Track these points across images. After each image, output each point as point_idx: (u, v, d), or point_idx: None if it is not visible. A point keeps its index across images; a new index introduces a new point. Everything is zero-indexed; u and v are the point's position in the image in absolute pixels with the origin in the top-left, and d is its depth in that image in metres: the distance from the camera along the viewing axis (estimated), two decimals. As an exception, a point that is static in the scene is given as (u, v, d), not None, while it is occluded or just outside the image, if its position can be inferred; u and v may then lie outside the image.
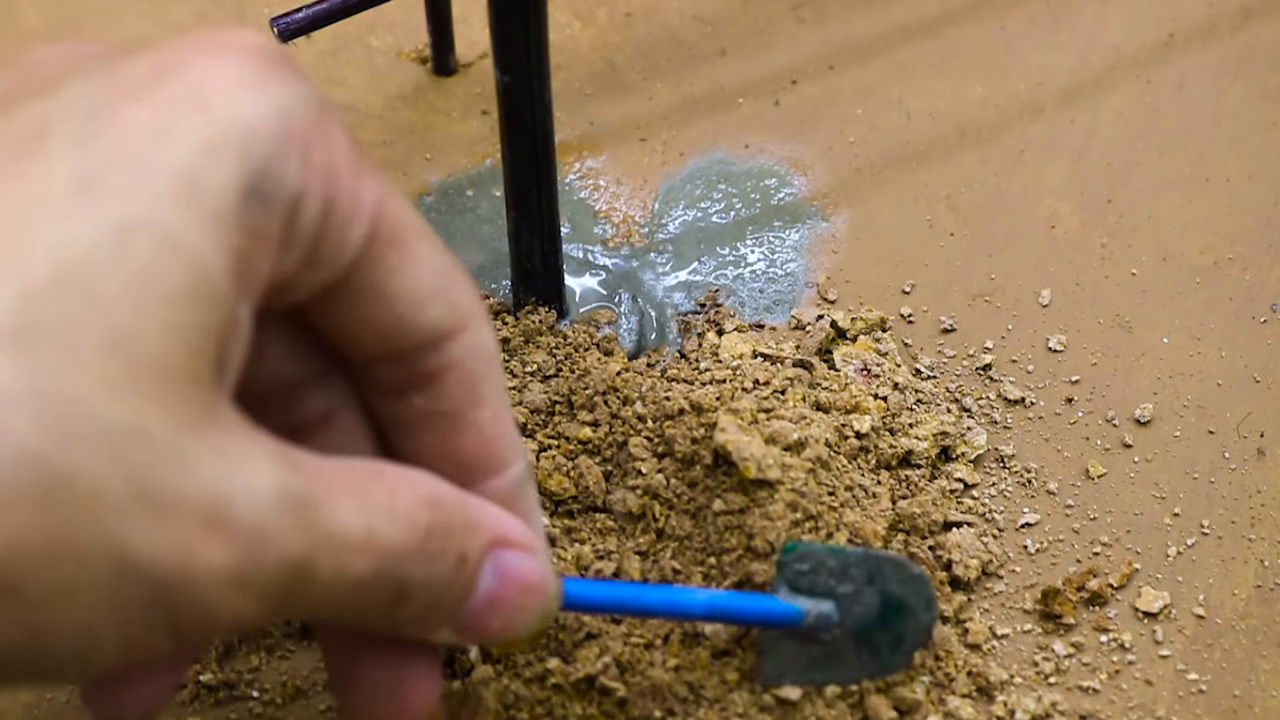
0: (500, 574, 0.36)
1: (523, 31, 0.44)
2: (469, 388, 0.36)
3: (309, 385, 0.36)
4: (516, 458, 0.38)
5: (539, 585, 0.36)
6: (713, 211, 0.57)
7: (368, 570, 0.32)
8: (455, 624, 0.36)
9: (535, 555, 0.37)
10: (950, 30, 0.63)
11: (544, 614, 0.37)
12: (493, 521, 0.36)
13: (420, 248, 0.34)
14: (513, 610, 0.36)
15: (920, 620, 0.43)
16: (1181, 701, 0.44)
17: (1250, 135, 0.59)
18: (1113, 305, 0.54)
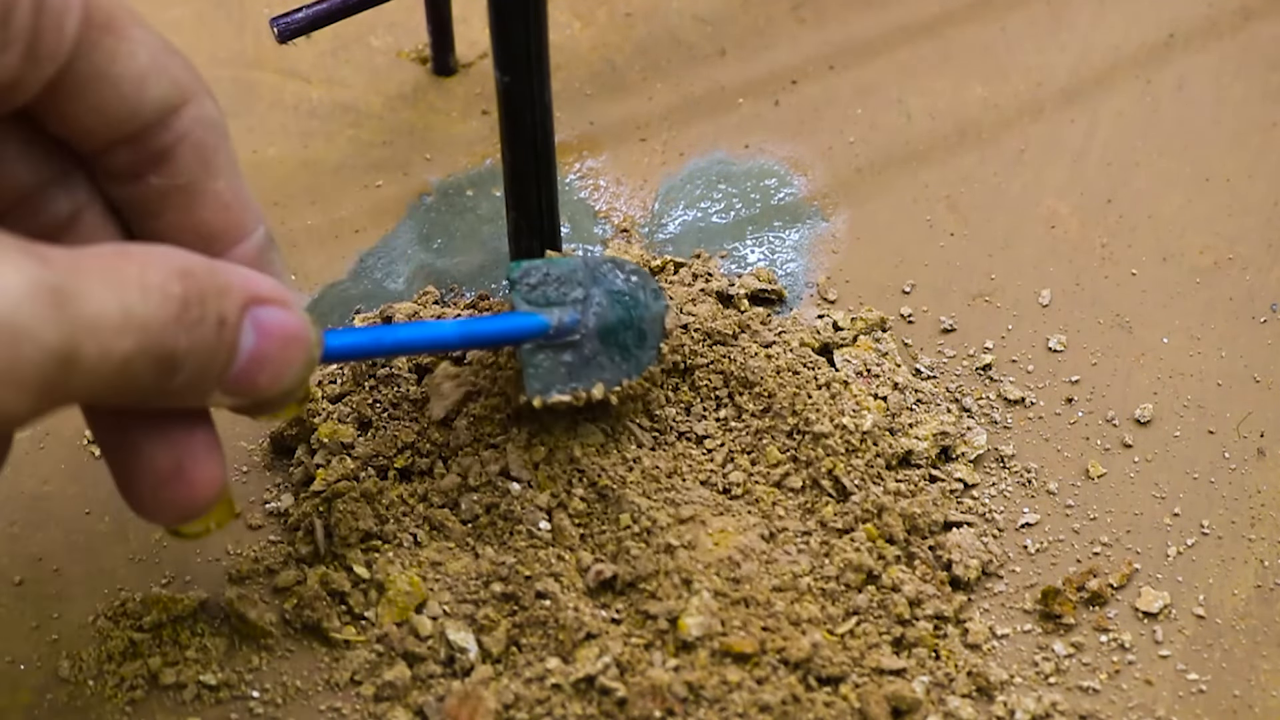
0: (260, 329, 0.37)
1: (523, 31, 0.44)
2: (201, 158, 0.39)
3: (50, 189, 0.39)
4: (258, 224, 0.40)
5: (299, 334, 0.38)
6: (713, 211, 0.57)
7: (131, 347, 0.34)
8: (225, 386, 0.37)
9: (290, 307, 0.38)
10: (950, 30, 0.63)
11: (307, 363, 0.39)
12: (244, 282, 0.37)
13: (134, 29, 0.37)
14: (277, 363, 0.38)
15: (653, 310, 0.45)
16: (1181, 701, 0.44)
17: (1250, 135, 0.59)
18: (1113, 305, 0.54)
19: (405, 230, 0.56)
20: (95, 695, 0.44)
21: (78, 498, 0.48)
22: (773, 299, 0.53)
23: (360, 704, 0.44)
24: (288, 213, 0.57)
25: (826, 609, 0.45)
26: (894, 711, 0.43)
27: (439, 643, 0.45)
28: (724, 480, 0.48)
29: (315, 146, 0.59)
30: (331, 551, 0.46)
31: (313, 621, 0.45)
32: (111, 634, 0.45)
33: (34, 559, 0.47)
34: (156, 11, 0.63)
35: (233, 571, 0.46)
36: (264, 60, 0.62)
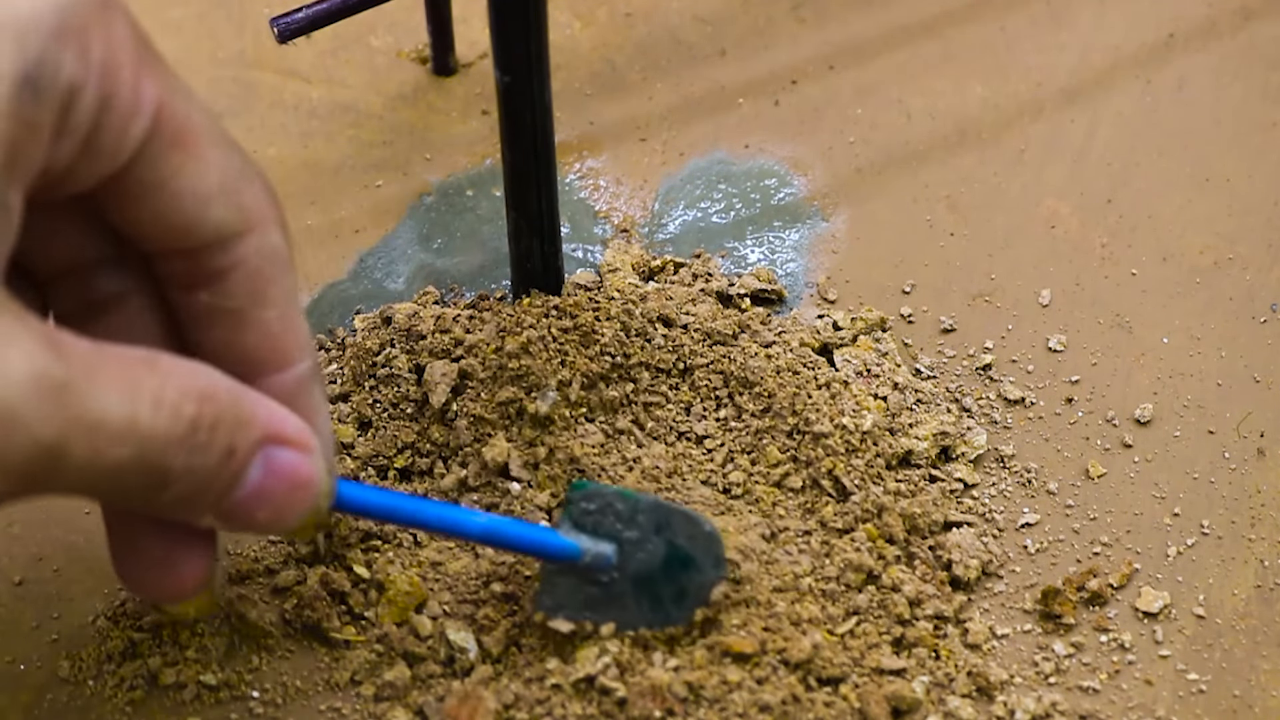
0: (269, 468, 0.37)
1: (523, 31, 0.44)
2: (255, 287, 0.38)
3: (102, 267, 0.38)
4: (303, 357, 0.39)
5: (308, 482, 0.38)
6: (713, 211, 0.57)
7: (125, 457, 0.33)
8: (219, 512, 0.37)
9: (309, 453, 0.38)
10: (950, 30, 0.63)
11: (313, 511, 0.38)
12: (268, 417, 0.37)
13: (208, 148, 0.36)
14: (279, 504, 0.38)
15: (706, 577, 0.43)
16: (1181, 701, 0.44)
17: (1250, 135, 0.59)
18: (1113, 305, 0.54)
19: (405, 230, 0.56)
20: (95, 695, 0.44)
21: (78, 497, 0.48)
22: (773, 299, 0.53)
23: (360, 704, 0.44)
24: (288, 213, 0.56)
25: (827, 609, 0.45)
26: (894, 711, 0.43)
27: (439, 643, 0.45)
28: (724, 480, 0.48)
29: (315, 146, 0.59)
30: (331, 551, 0.46)
31: (313, 621, 0.45)
32: (111, 634, 0.45)
33: (34, 559, 0.47)
34: (156, 11, 0.63)
35: (233, 571, 0.46)
36: (264, 60, 0.62)
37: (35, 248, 0.37)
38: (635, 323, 0.50)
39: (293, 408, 0.38)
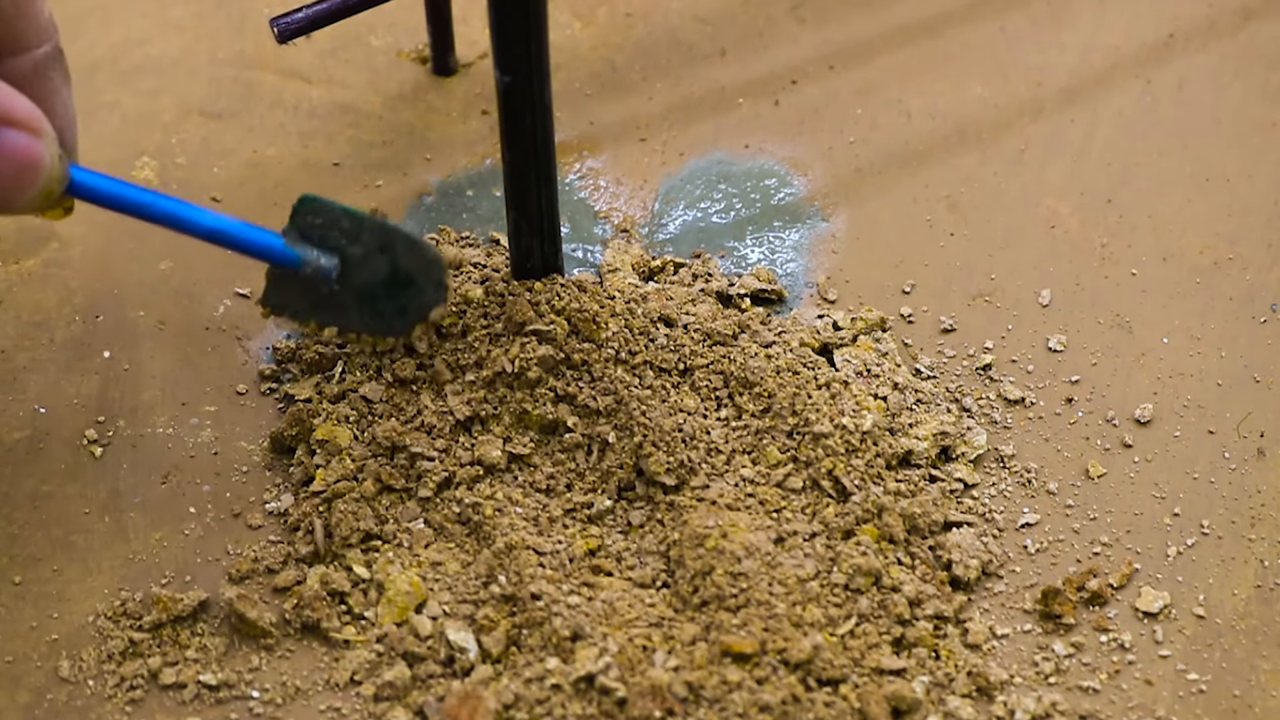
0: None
1: (523, 31, 0.44)
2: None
3: None
4: (41, 41, 0.41)
5: (36, 162, 0.39)
6: (713, 211, 0.57)
7: None
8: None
9: (38, 135, 0.39)
10: (950, 30, 0.63)
11: (42, 194, 0.40)
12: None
13: None
14: (7, 182, 0.39)
15: (426, 298, 0.45)
16: (1181, 701, 0.44)
17: (1250, 135, 0.59)
18: (1113, 305, 0.54)
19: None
20: (95, 695, 0.44)
21: (77, 498, 0.48)
22: (773, 299, 0.53)
23: (360, 704, 0.44)
24: (288, 212, 0.57)
25: (828, 610, 0.45)
26: (894, 711, 0.43)
27: (439, 643, 0.45)
28: (736, 478, 0.48)
29: (315, 146, 0.59)
30: (331, 551, 0.46)
31: (313, 621, 0.45)
32: (111, 634, 0.45)
33: (34, 559, 0.47)
34: (156, 11, 0.63)
35: (233, 571, 0.46)
36: (264, 60, 0.62)
37: None
38: (638, 322, 0.50)
39: (29, 91, 0.40)
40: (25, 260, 0.55)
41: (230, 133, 0.59)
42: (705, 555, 0.45)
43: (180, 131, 0.59)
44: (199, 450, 0.50)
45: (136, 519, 0.48)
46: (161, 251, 0.55)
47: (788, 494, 0.47)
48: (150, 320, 0.53)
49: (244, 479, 0.49)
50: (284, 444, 0.49)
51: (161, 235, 0.55)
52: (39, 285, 0.54)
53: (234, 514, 0.48)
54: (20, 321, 0.53)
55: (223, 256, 0.55)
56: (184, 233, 0.45)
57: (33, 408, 0.50)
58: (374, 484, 0.47)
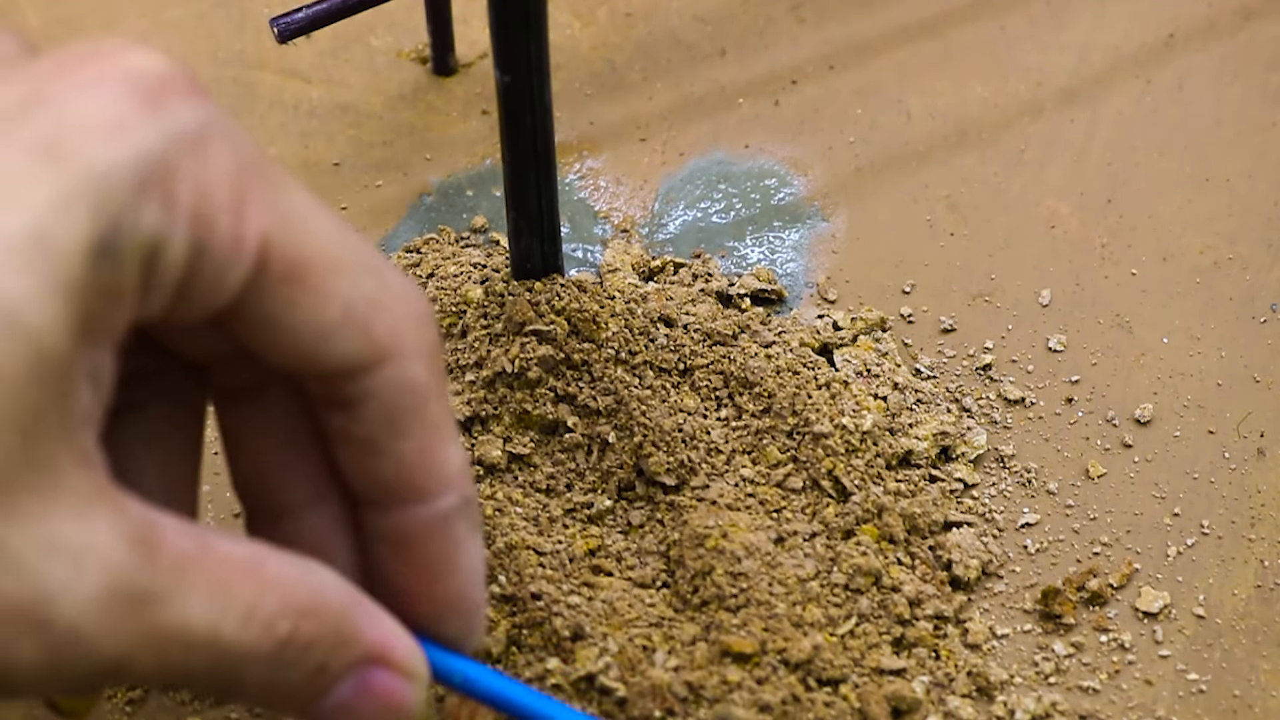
0: (363, 687, 0.34)
1: (523, 31, 0.44)
2: (389, 419, 0.34)
3: (239, 360, 0.35)
4: (445, 492, 0.35)
5: (401, 707, 0.35)
6: (713, 211, 0.57)
7: (198, 666, 0.31)
8: (298, 715, 0.34)
9: (411, 679, 0.35)
10: (950, 30, 0.63)
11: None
12: (375, 636, 0.34)
13: (327, 278, 0.32)
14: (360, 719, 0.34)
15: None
16: (1181, 701, 0.44)
17: (1250, 135, 0.59)
18: (1113, 305, 0.54)
19: (405, 230, 0.56)
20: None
21: (78, 498, 0.48)
22: (773, 299, 0.53)
23: (360, 704, 0.44)
24: (288, 213, 0.57)
25: (828, 610, 0.45)
26: (894, 711, 0.43)
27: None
28: (736, 477, 0.48)
29: (315, 146, 0.59)
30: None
31: (313, 621, 0.45)
32: (111, 634, 0.45)
33: (34, 559, 0.47)
34: (156, 11, 0.63)
35: (233, 571, 0.46)
36: (264, 60, 0.62)
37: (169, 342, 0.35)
38: (638, 322, 0.50)
39: (429, 544, 0.35)
40: (25, 260, 0.55)
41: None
42: (705, 555, 0.45)
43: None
44: (199, 450, 0.50)
45: (136, 519, 0.48)
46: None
47: (788, 494, 0.47)
48: (150, 320, 0.53)
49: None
50: (284, 444, 0.49)
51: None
52: (39, 285, 0.54)
53: (234, 514, 0.48)
54: (20, 321, 0.53)
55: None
56: None
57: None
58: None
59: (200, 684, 0.31)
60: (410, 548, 0.36)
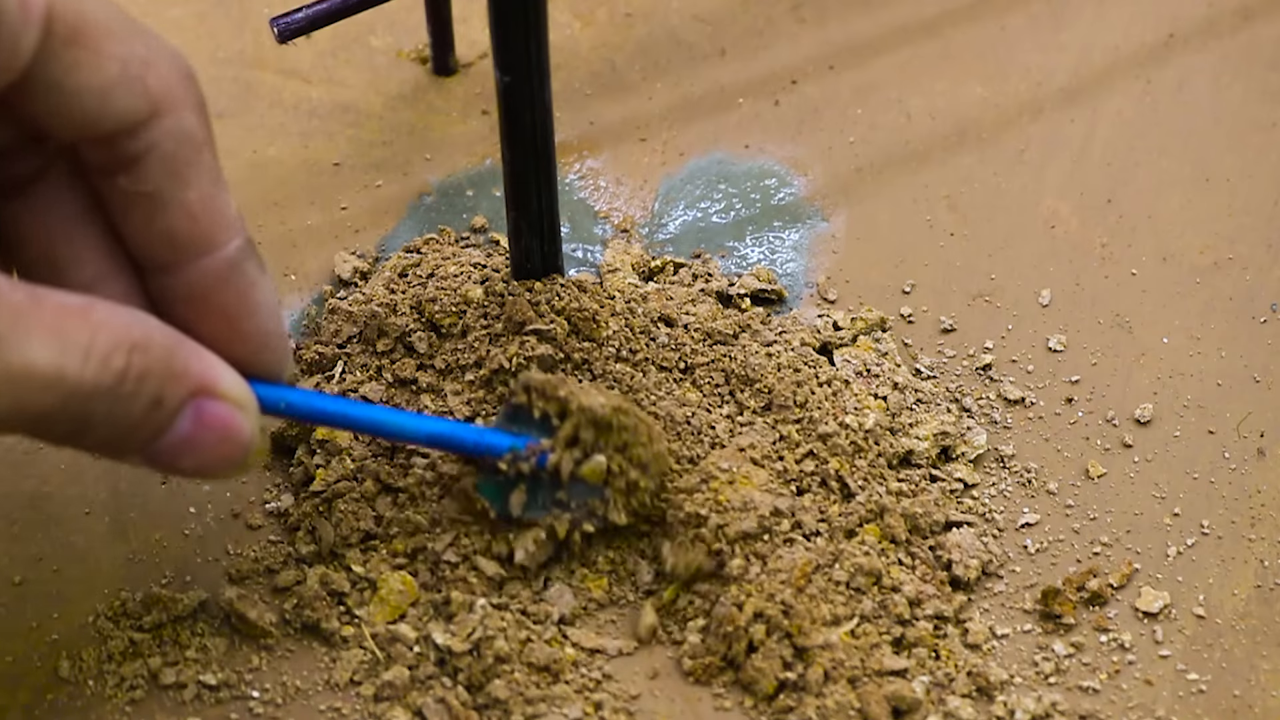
0: (199, 419, 0.38)
1: (523, 31, 0.44)
2: (171, 170, 0.38)
3: (18, 151, 0.39)
4: (232, 237, 0.39)
5: (238, 434, 0.39)
6: (713, 211, 0.57)
7: (49, 405, 0.34)
8: (145, 456, 0.38)
9: (242, 408, 0.39)
10: (950, 30, 0.63)
11: (237, 463, 0.39)
12: (202, 370, 0.38)
13: (106, 42, 0.36)
14: (206, 453, 0.39)
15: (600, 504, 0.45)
16: (1181, 701, 0.44)
17: (1250, 135, 0.59)
18: (1113, 305, 0.54)
19: (405, 230, 0.56)
20: (95, 695, 0.44)
21: (78, 498, 0.48)
22: (773, 299, 0.53)
23: (360, 704, 0.44)
24: (288, 213, 0.57)
25: (835, 609, 0.45)
26: (894, 711, 0.43)
27: (426, 646, 0.44)
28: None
29: (315, 146, 0.59)
30: (332, 551, 0.46)
31: (313, 621, 0.45)
32: (111, 634, 0.45)
33: (34, 559, 0.47)
34: (156, 11, 0.63)
35: (233, 571, 0.46)
36: (264, 60, 0.62)
37: None
38: (638, 321, 0.50)
39: (225, 291, 0.39)
40: (25, 260, 0.55)
41: (230, 133, 0.59)
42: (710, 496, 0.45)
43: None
44: (199, 450, 0.50)
45: (136, 519, 0.48)
46: (161, 251, 0.55)
47: (804, 476, 0.47)
48: (150, 320, 0.53)
49: (244, 479, 0.49)
50: (284, 444, 0.49)
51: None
52: (39, 285, 0.54)
53: (234, 514, 0.48)
54: (20, 321, 0.53)
55: (223, 256, 0.55)
56: (397, 440, 0.45)
57: (33, 408, 0.50)
58: (374, 484, 0.47)
59: (54, 427, 0.35)
60: (208, 299, 0.39)
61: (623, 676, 0.45)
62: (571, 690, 0.44)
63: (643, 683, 0.44)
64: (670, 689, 0.44)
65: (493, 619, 0.44)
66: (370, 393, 0.49)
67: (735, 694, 0.44)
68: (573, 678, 0.44)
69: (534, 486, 0.45)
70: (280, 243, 0.55)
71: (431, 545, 0.46)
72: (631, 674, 0.45)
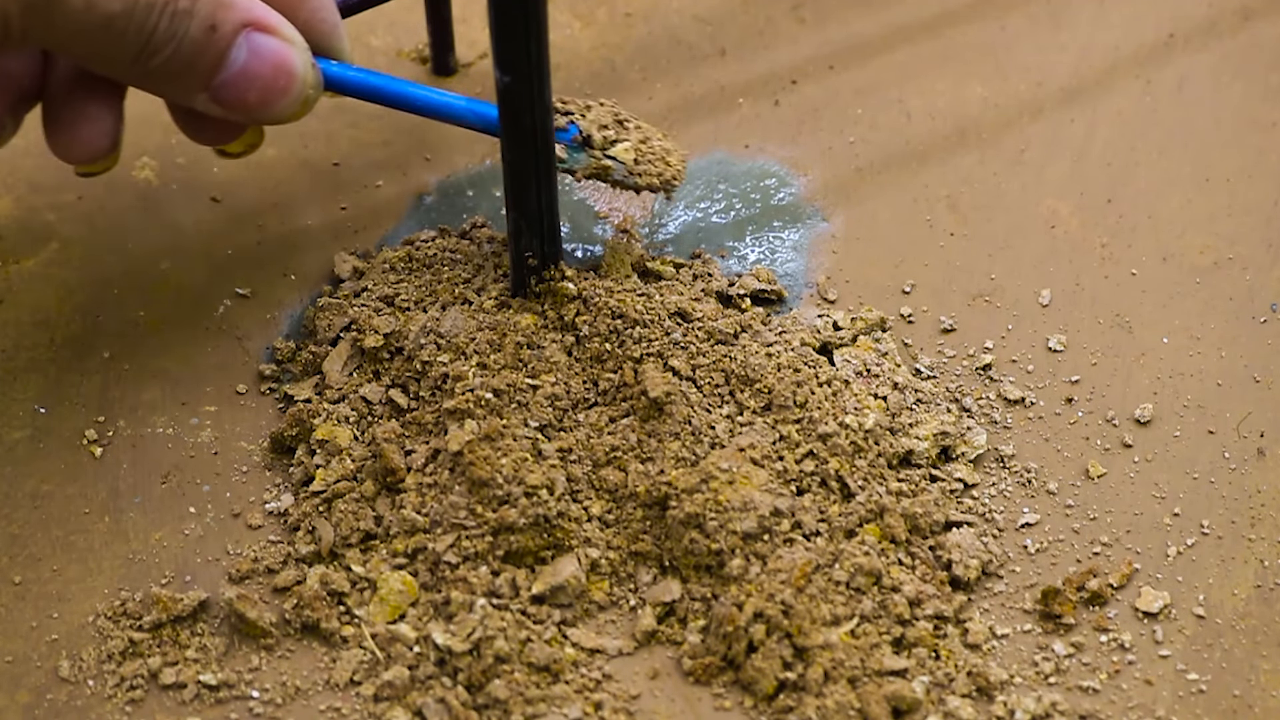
0: (253, 50, 0.42)
1: (523, 31, 0.44)
2: None
3: None
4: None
5: (291, 66, 0.43)
6: (713, 211, 0.57)
7: (116, 8, 0.38)
8: (211, 91, 0.42)
9: (292, 44, 0.43)
10: (950, 30, 0.63)
11: (299, 96, 0.43)
12: (250, 5, 0.42)
13: None
14: (267, 87, 0.43)
15: None
16: (1181, 701, 0.44)
17: (1250, 135, 0.59)
18: (1113, 305, 0.54)
19: (405, 230, 0.56)
20: (95, 695, 0.44)
21: (78, 498, 0.48)
22: (772, 299, 0.53)
23: (360, 704, 0.44)
24: (288, 213, 0.57)
25: (835, 609, 0.45)
26: (894, 711, 0.43)
27: (426, 647, 0.44)
28: None
29: (315, 146, 0.59)
30: (332, 551, 0.47)
31: (313, 621, 0.45)
32: (111, 634, 0.45)
33: (34, 559, 0.47)
34: (156, 11, 0.63)
35: (233, 571, 0.46)
36: (264, 60, 0.62)
37: None
38: (644, 319, 0.50)
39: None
40: (25, 260, 0.55)
41: None
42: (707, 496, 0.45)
43: (180, 132, 0.59)
44: (199, 450, 0.50)
45: (136, 519, 0.48)
46: (161, 251, 0.55)
47: (804, 476, 0.47)
48: (150, 320, 0.53)
49: (244, 479, 0.49)
50: (284, 444, 0.49)
51: (162, 236, 0.55)
52: (39, 285, 0.54)
53: (234, 514, 0.48)
54: (20, 321, 0.53)
55: (223, 257, 0.55)
56: (432, 116, 0.50)
57: (33, 408, 0.50)
58: (374, 484, 0.47)
59: (121, 45, 0.39)
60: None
61: (623, 676, 0.45)
62: (571, 690, 0.44)
63: (643, 683, 0.44)
64: (670, 689, 0.44)
65: (493, 619, 0.44)
66: (370, 393, 0.49)
67: (735, 694, 0.44)
68: (573, 678, 0.44)
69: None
70: (280, 243, 0.55)
71: (431, 545, 0.46)
72: (631, 674, 0.45)
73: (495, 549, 0.45)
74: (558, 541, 0.46)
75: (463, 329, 0.49)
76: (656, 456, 0.47)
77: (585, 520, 0.47)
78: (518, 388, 0.47)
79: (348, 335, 0.51)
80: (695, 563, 0.45)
